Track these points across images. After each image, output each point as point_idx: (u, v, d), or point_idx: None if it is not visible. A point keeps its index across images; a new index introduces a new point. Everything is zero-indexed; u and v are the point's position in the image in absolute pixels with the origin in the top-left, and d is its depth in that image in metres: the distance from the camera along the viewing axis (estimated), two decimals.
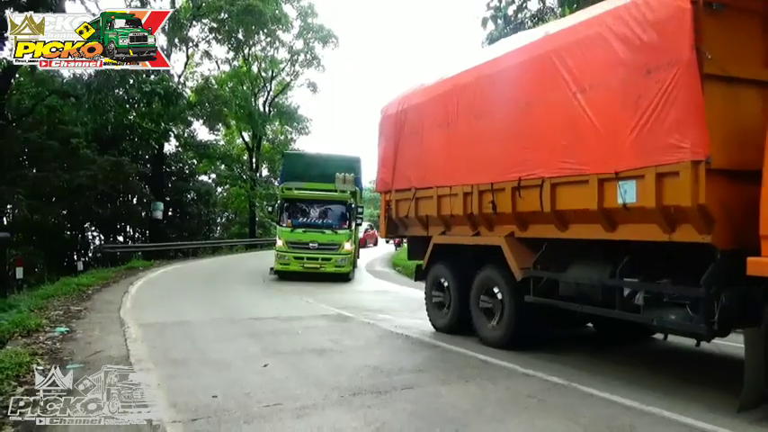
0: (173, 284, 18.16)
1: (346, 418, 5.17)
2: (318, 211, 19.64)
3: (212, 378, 6.55)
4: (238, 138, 48.44)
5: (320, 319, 11.27)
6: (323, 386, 6.17)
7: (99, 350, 8.06)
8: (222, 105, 35.60)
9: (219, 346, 8.52)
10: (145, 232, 35.37)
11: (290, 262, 18.75)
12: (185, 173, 40.14)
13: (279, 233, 19.62)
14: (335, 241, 19.03)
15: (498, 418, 5.20)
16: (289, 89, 47.28)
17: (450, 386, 6.33)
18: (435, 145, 9.31)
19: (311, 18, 41.58)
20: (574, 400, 5.75)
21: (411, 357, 7.88)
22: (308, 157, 23.66)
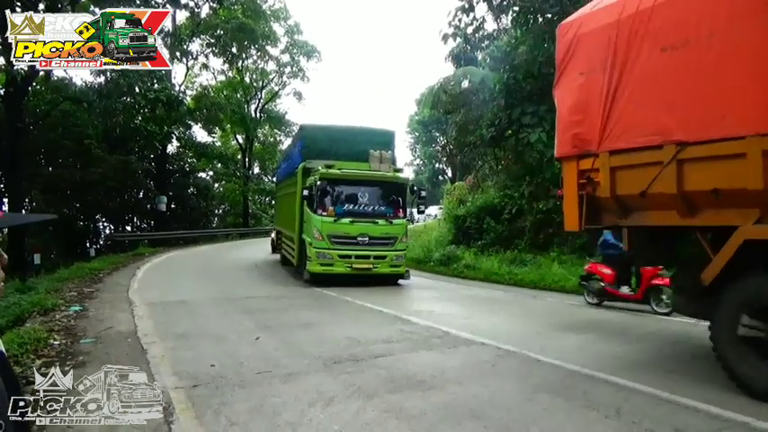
0: (175, 268, 17.89)
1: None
2: (368, 195, 13.07)
3: (210, 350, 6.47)
4: (233, 139, 48.14)
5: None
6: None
7: (110, 326, 7.91)
8: (218, 111, 35.30)
9: (217, 321, 8.43)
10: (150, 222, 34.92)
11: (335, 262, 12.61)
12: (186, 170, 39.61)
13: (315, 224, 12.64)
14: (391, 234, 13.00)
15: (459, 381, 5.24)
16: (277, 97, 46.94)
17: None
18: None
19: (297, 35, 41.31)
20: (524, 365, 5.83)
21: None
22: (334, 130, 14.99)
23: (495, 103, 17.81)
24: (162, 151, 34.01)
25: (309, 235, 12.96)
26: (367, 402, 4.57)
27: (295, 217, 14.15)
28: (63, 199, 26.87)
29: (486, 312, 9.52)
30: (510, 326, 8.14)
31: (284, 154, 19.17)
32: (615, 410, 4.35)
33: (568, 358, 5.90)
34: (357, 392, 4.84)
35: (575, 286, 11.85)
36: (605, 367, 5.54)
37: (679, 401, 4.54)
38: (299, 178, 13.97)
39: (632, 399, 4.65)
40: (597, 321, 8.56)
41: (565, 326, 8.18)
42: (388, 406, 4.50)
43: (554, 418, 4.26)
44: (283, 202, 18.08)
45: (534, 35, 15.21)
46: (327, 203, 12.82)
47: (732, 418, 4.18)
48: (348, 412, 4.35)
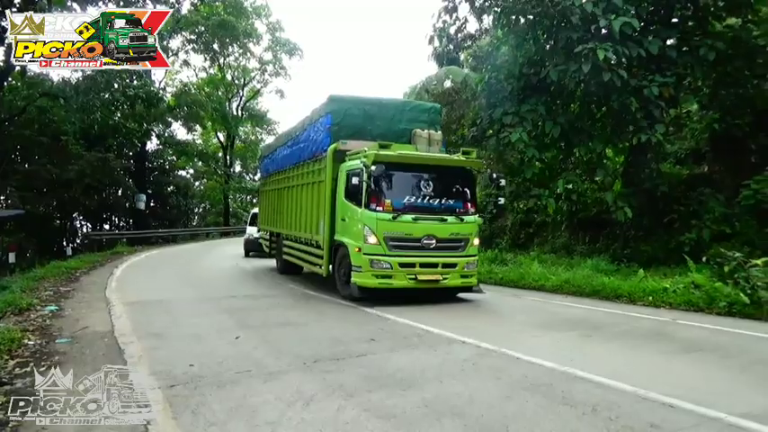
0: (154, 267, 17.69)
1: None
2: (432, 185, 9.92)
3: (189, 349, 6.41)
4: (214, 137, 47.83)
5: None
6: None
7: (86, 326, 7.78)
8: (199, 109, 34.99)
9: (196, 321, 8.34)
10: (129, 221, 34.50)
11: (395, 273, 9.51)
12: (166, 168, 39.21)
13: (367, 222, 9.49)
14: (462, 235, 9.96)
15: (438, 379, 5.26)
16: (259, 95, 46.76)
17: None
18: None
19: (279, 33, 41.12)
20: (503, 363, 5.87)
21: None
22: (371, 103, 11.60)
23: (477, 103, 17.91)
24: (141, 149, 33.63)
25: (353, 236, 9.78)
26: (347, 401, 4.57)
27: (318, 214, 11.23)
28: (39, 196, 26.36)
29: (465, 310, 9.57)
30: (490, 324, 8.19)
31: (287, 137, 14.80)
32: (592, 408, 4.41)
33: (547, 357, 5.95)
34: (337, 391, 4.83)
35: (555, 285, 11.99)
36: (583, 365, 5.60)
37: (655, 398, 4.60)
38: (329, 163, 10.68)
39: (609, 396, 4.71)
40: (577, 320, 8.66)
41: (544, 325, 8.26)
42: (368, 404, 4.50)
43: (533, 415, 4.30)
44: (284, 196, 14.41)
45: (516, 36, 15.27)
46: (383, 195, 9.62)
47: (706, 413, 4.26)
48: (328, 411, 4.34)
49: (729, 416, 4.17)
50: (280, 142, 15.71)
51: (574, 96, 14.71)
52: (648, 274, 11.47)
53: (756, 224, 12.44)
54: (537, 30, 14.38)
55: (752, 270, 8.88)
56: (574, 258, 14.90)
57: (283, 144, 15.06)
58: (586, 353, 6.40)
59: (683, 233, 13.13)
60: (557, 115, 13.83)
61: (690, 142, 16.93)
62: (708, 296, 9.25)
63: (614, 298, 10.60)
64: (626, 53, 12.13)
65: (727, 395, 4.73)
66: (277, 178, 15.62)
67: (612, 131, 14.33)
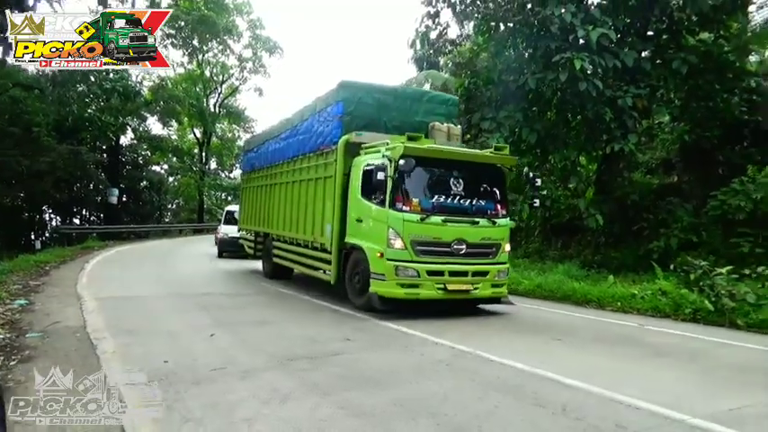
0: (126, 263, 17.43)
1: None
2: (462, 183, 8.96)
3: (163, 346, 6.36)
4: (190, 133, 47.24)
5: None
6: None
7: (57, 321, 7.66)
8: (176, 104, 34.63)
9: (170, 317, 8.27)
10: (100, 215, 33.90)
11: (423, 282, 8.45)
12: (140, 163, 38.58)
13: (392, 224, 8.44)
14: (494, 240, 9.08)
15: (412, 379, 5.34)
16: (237, 92, 46.34)
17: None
18: None
19: (259, 30, 40.84)
20: (476, 365, 5.97)
21: None
22: (385, 92, 10.71)
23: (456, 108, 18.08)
24: (115, 143, 33.07)
25: (373, 239, 8.71)
26: (323, 399, 4.60)
27: (324, 213, 10.17)
28: (7, 188, 25.69)
29: (440, 313, 9.67)
30: (464, 327, 8.28)
31: (281, 129, 13.53)
32: (561, 408, 4.53)
33: (519, 359, 6.07)
34: (313, 389, 4.87)
35: (527, 289, 12.18)
36: (554, 368, 5.72)
37: (622, 400, 4.74)
38: (340, 157, 9.65)
39: (578, 397, 4.84)
40: (548, 324, 8.83)
41: (517, 327, 8.40)
42: (343, 403, 4.54)
43: (504, 415, 4.40)
44: (276, 193, 13.21)
45: (496, 43, 15.51)
46: (410, 194, 8.57)
47: (670, 415, 4.40)
48: (303, 409, 4.37)
49: (693, 418, 4.33)
50: (270, 135, 14.60)
51: (551, 104, 14.99)
52: (618, 281, 11.75)
53: (722, 234, 12.84)
54: (517, 38, 14.64)
55: (716, 278, 9.16)
56: (546, 263, 15.14)
57: (275, 137, 13.99)
58: (557, 356, 6.55)
59: (651, 241, 13.47)
60: (533, 122, 14.07)
61: (661, 153, 17.39)
62: (674, 303, 9.52)
63: (584, 303, 10.82)
64: (602, 64, 12.42)
65: (690, 398, 4.89)
66: (266, 173, 14.48)
67: (587, 140, 14.63)
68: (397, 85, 11.10)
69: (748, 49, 15.23)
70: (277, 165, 13.46)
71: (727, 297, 8.82)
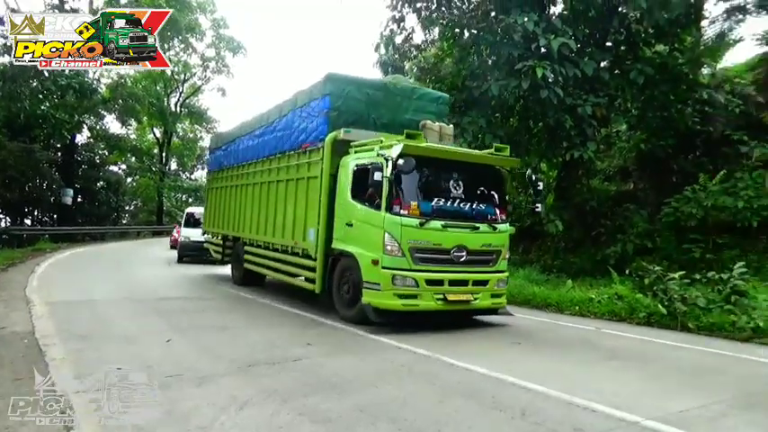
0: (80, 266, 16.86)
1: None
2: (463, 186, 8.40)
3: (117, 352, 6.17)
4: (149, 133, 46.16)
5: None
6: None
7: (3, 326, 7.34)
8: (135, 102, 33.74)
9: (125, 323, 8.02)
10: (53, 216, 32.66)
11: (422, 292, 7.84)
12: (96, 162, 37.36)
13: (389, 229, 7.76)
14: (494, 247, 8.53)
15: (374, 383, 5.31)
16: (200, 92, 45.52)
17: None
18: None
19: (223, 29, 40.23)
20: (437, 369, 5.99)
21: None
22: (375, 87, 10.00)
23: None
24: (71, 141, 31.93)
25: (366, 246, 8.05)
26: (282, 406, 4.53)
27: (307, 216, 9.48)
28: None
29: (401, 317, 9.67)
30: (425, 331, 8.28)
31: (255, 125, 12.60)
32: (521, 412, 4.58)
33: (480, 363, 6.12)
34: (272, 396, 4.79)
35: None
36: (513, 371, 5.79)
37: (579, 403, 4.83)
38: (327, 156, 8.97)
39: (537, 401, 4.90)
40: (508, 328, 8.94)
41: (478, 332, 8.48)
42: (303, 409, 4.48)
43: (464, 419, 4.41)
44: (248, 194, 12.41)
45: (460, 49, 15.70)
46: (408, 197, 7.91)
47: (624, 417, 4.50)
48: (262, 416, 4.29)
49: (645, 420, 4.44)
50: (241, 132, 13.58)
51: (513, 111, 15.25)
52: (576, 285, 12.01)
53: (675, 240, 13.29)
54: (480, 44, 14.84)
55: (669, 283, 9.45)
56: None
57: (248, 133, 13.02)
58: (517, 359, 6.63)
59: (608, 246, 13.84)
60: (496, 128, 14.28)
61: (618, 160, 17.89)
62: (629, 307, 9.78)
63: (544, 307, 11.01)
64: (563, 72, 12.71)
65: (644, 400, 5.02)
66: (237, 173, 13.56)
67: (547, 146, 14.95)
68: (386, 80, 10.59)
69: (701, 61, 15.83)
70: (250, 163, 12.62)
71: (680, 301, 9.11)
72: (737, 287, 9.09)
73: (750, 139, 14.30)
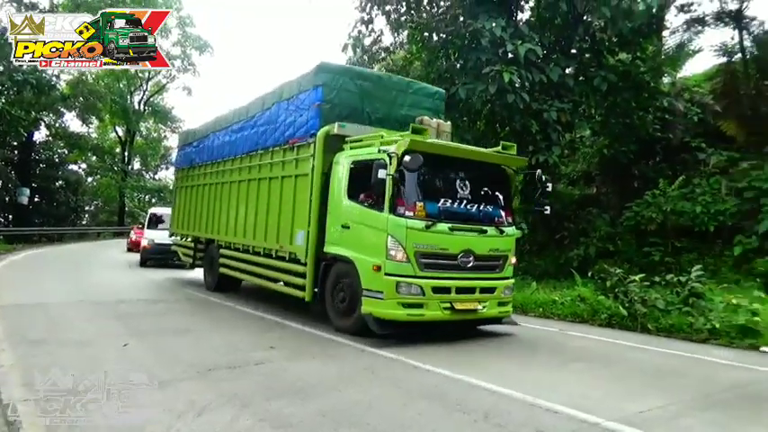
0: (35, 267, 16.28)
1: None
2: (469, 186, 7.83)
3: (71, 357, 5.93)
4: (111, 132, 44.99)
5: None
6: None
7: None
8: (97, 100, 32.85)
9: (80, 326, 7.74)
10: (8, 216, 31.54)
11: (428, 301, 7.23)
12: (55, 161, 36.30)
13: (393, 232, 7.10)
14: (501, 251, 7.97)
15: (337, 387, 5.24)
16: (164, 91, 44.60)
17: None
18: None
19: (189, 28, 39.52)
20: (401, 372, 5.95)
21: None
22: (368, 79, 9.42)
23: None
24: (27, 139, 30.87)
25: (366, 250, 7.42)
26: (242, 411, 4.42)
27: (295, 217, 8.83)
28: None
29: None
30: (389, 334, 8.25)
31: (232, 119, 11.82)
32: (484, 414, 4.57)
33: (443, 365, 6.10)
34: (232, 400, 4.67)
35: None
36: (477, 374, 5.79)
37: (542, 405, 4.85)
38: (319, 152, 8.33)
39: (500, 403, 4.91)
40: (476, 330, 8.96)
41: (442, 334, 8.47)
42: (264, 414, 4.38)
43: (428, 422, 4.38)
44: (225, 193, 11.67)
45: (429, 52, 15.77)
46: (413, 197, 7.32)
47: (586, 418, 4.54)
48: (221, 422, 4.17)
49: (606, 421, 4.48)
50: (216, 126, 12.71)
51: (480, 115, 15.38)
52: (540, 287, 12.16)
53: (636, 243, 13.60)
54: (449, 48, 14.94)
55: (630, 285, 9.65)
56: None
57: (223, 128, 12.18)
58: (480, 361, 6.64)
59: (572, 249, 14.07)
60: (464, 132, 14.37)
61: (582, 165, 18.24)
62: (591, 308, 9.95)
63: None
64: (529, 77, 12.88)
65: (605, 401, 5.08)
66: (210, 170, 12.69)
67: None
68: (380, 72, 9.90)
69: (662, 70, 16.29)
70: (227, 160, 11.76)
71: (640, 303, 9.31)
72: (695, 290, 9.33)
73: (708, 146, 14.78)
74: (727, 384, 6.12)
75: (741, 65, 15.76)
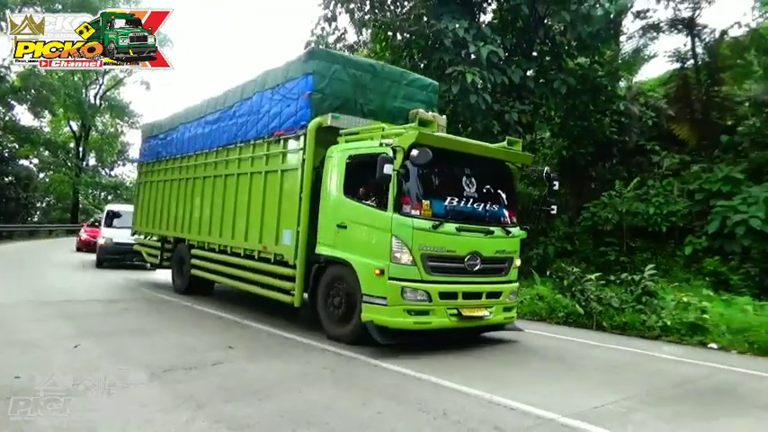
0: None
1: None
2: (475, 184, 7.37)
3: (16, 359, 5.69)
4: (65, 126, 43.47)
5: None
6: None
7: None
8: (50, 93, 31.68)
9: (28, 327, 7.44)
10: None
11: (435, 308, 6.76)
12: (5, 156, 34.85)
13: (398, 233, 6.57)
14: (507, 253, 7.57)
15: (297, 387, 5.19)
16: (121, 85, 43.36)
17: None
18: None
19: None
20: (361, 371, 5.94)
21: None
22: (362, 68, 8.75)
23: None
24: None
25: (366, 252, 6.88)
26: (197, 412, 4.32)
27: (281, 215, 8.20)
28: None
29: None
30: None
31: (206, 109, 10.96)
32: (443, 412, 4.60)
33: (403, 364, 6.12)
34: (188, 402, 4.56)
35: None
36: (436, 372, 5.82)
37: (500, 402, 4.91)
38: (310, 145, 7.71)
39: (459, 401, 4.95)
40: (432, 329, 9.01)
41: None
42: (220, 415, 4.29)
43: (387, 421, 4.38)
44: (198, 189, 10.89)
45: (392, 51, 15.79)
46: (418, 195, 6.80)
47: (542, 415, 4.62)
48: (175, 424, 4.07)
49: (562, 417, 4.57)
50: (187, 117, 11.79)
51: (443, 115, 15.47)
52: None
53: (593, 243, 13.95)
54: (412, 48, 14.99)
55: (586, 284, 9.89)
56: None
57: (196, 119, 11.30)
58: (440, 359, 6.66)
59: (531, 249, 14.32)
60: None
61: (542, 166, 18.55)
62: (549, 307, 10.16)
63: None
64: (491, 79, 13.05)
65: (561, 398, 5.18)
66: (180, 164, 11.79)
67: None
68: (374, 61, 9.27)
69: (619, 74, 16.77)
70: (200, 154, 10.97)
71: (596, 301, 9.55)
72: (648, 288, 9.63)
73: (661, 149, 15.28)
74: (678, 380, 6.33)
75: (693, 71, 16.35)
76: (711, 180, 13.23)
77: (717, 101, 15.73)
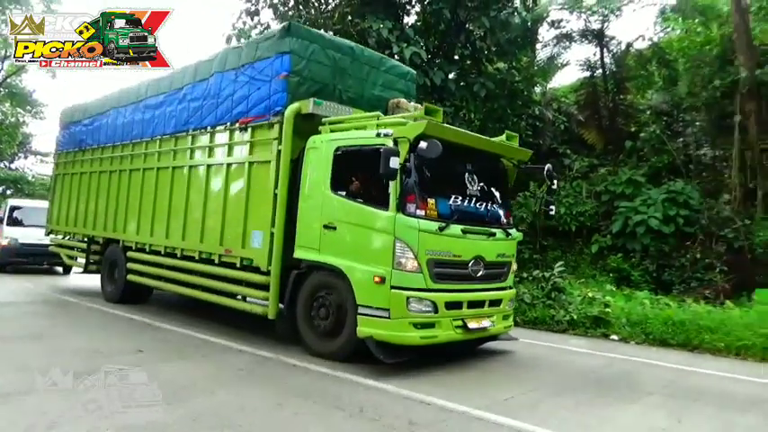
0: None
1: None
2: (477, 181, 6.73)
3: None
4: None
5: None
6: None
7: None
8: None
9: None
10: None
11: (441, 319, 6.01)
12: None
13: (403, 234, 5.78)
14: (506, 257, 7.05)
15: (210, 390, 5.05)
16: (24, 71, 40.19)
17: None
18: None
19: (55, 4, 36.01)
20: (278, 371, 5.88)
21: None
22: (341, 50, 7.75)
23: None
24: None
25: (363, 257, 6.07)
26: (101, 421, 4.10)
27: (250, 214, 7.24)
28: None
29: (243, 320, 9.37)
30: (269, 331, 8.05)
31: (146, 91, 9.64)
32: (359, 409, 4.64)
33: (321, 363, 6.10)
34: (90, 410, 4.32)
35: None
36: (353, 369, 5.87)
37: (416, 397, 5.02)
38: (287, 134, 6.78)
39: (374, 397, 5.01)
40: None
41: None
42: (126, 423, 4.10)
43: (303, 420, 4.36)
44: (136, 182, 9.57)
45: None
46: (423, 193, 6.07)
47: (455, 408, 4.77)
48: None
49: (474, 410, 4.74)
50: (120, 101, 10.36)
51: None
52: None
53: None
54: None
55: None
56: None
57: (132, 103, 9.96)
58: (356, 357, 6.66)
59: None
60: None
61: None
62: None
63: None
64: None
65: (473, 391, 5.38)
66: (112, 155, 10.39)
67: None
68: (353, 43, 8.42)
69: (534, 80, 17.55)
70: (137, 143, 9.70)
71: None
72: (557, 284, 10.16)
73: (572, 152, 16.16)
74: (583, 370, 6.75)
75: (601, 80, 17.41)
76: (616, 182, 14.16)
77: (622, 108, 16.86)
